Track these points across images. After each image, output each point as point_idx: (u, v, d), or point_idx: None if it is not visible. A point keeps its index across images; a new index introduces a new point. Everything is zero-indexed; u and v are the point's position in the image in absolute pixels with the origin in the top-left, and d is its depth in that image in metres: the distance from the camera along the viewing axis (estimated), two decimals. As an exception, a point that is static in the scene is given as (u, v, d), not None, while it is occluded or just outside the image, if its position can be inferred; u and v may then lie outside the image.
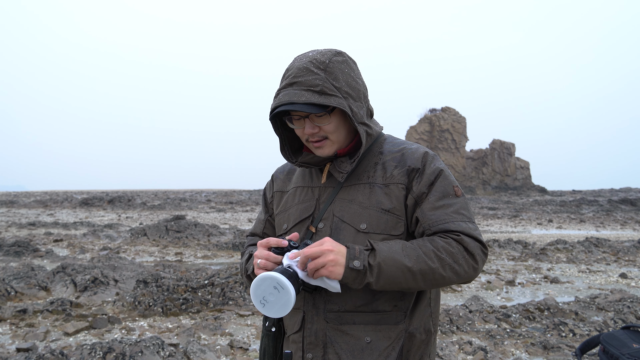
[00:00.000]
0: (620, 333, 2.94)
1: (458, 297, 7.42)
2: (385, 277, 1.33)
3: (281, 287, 1.27)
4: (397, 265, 1.34)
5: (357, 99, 1.47)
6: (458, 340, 4.97)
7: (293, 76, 1.45)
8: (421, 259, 1.35)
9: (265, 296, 1.29)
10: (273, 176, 1.75)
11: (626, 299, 6.54)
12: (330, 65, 1.45)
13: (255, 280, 1.29)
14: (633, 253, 12.10)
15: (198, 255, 12.00)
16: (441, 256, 1.36)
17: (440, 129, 56.46)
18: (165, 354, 4.30)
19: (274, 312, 1.29)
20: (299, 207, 1.57)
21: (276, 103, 1.44)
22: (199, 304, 6.37)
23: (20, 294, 6.83)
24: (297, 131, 1.52)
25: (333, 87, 1.42)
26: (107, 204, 36.34)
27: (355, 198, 1.48)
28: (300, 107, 1.40)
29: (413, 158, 1.50)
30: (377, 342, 1.43)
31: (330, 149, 1.50)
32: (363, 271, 1.33)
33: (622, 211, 30.59)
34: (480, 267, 1.41)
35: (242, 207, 35.37)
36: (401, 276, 1.34)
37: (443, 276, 1.36)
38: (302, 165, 1.57)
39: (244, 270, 1.61)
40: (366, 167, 1.53)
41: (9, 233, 17.33)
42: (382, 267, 1.33)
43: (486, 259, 1.44)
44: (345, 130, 1.51)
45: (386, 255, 1.34)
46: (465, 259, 1.38)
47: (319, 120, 1.46)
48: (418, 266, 1.34)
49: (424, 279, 1.36)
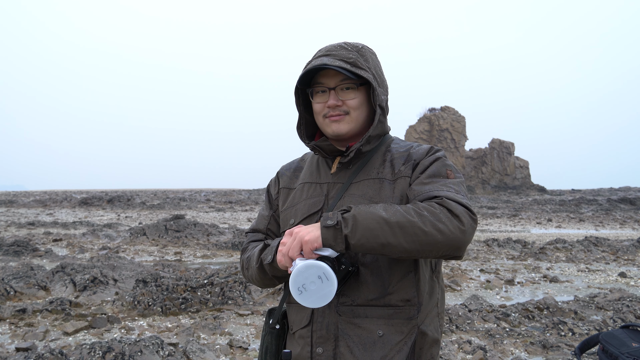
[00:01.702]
0: (619, 332, 2.94)
1: (457, 296, 7.42)
2: (362, 228, 1.29)
3: (326, 278, 1.26)
4: (372, 216, 1.30)
5: (382, 86, 1.54)
6: (457, 340, 4.97)
7: (327, 50, 1.52)
8: (399, 213, 1.31)
9: (305, 284, 1.27)
10: (279, 173, 1.74)
11: (625, 298, 6.55)
12: (363, 50, 1.53)
13: (301, 265, 1.28)
14: (632, 252, 12.11)
15: (197, 255, 12.00)
16: (421, 213, 1.31)
17: (439, 128, 56.46)
18: (164, 353, 4.30)
19: (311, 301, 1.28)
20: (307, 203, 1.56)
21: (309, 67, 1.48)
22: (199, 304, 6.37)
23: (20, 293, 6.83)
24: (316, 107, 1.54)
25: (365, 64, 1.50)
26: (107, 203, 36.32)
27: (366, 193, 1.48)
28: (335, 67, 1.44)
29: (418, 153, 1.52)
30: (390, 336, 1.43)
31: (347, 126, 1.52)
32: (338, 226, 1.30)
33: (621, 210, 30.62)
34: (468, 229, 1.33)
35: (241, 207, 35.36)
36: (378, 228, 1.29)
37: (424, 231, 1.28)
38: (314, 148, 1.57)
39: (256, 260, 1.55)
40: (375, 163, 1.54)
41: (8, 233, 17.31)
42: (357, 219, 1.29)
43: (475, 225, 1.36)
44: (366, 112, 1.54)
45: (361, 209, 1.32)
46: (449, 218, 1.31)
47: (344, 95, 1.50)
48: (395, 218, 1.29)
49: (404, 233, 1.29)
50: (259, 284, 1.61)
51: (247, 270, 1.61)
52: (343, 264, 1.38)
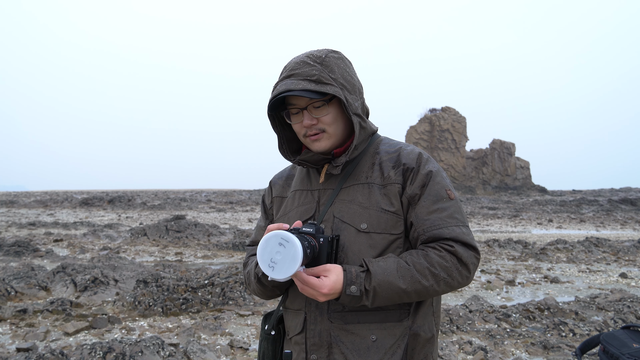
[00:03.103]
0: (620, 333, 2.94)
1: (458, 297, 7.42)
2: (380, 299, 1.39)
3: (286, 241, 1.27)
4: (392, 288, 1.38)
5: (353, 92, 1.51)
6: (458, 340, 4.97)
7: (290, 69, 1.49)
8: (415, 279, 1.39)
9: (272, 257, 1.27)
10: (271, 182, 1.75)
11: (626, 298, 6.54)
12: (327, 60, 1.49)
13: (261, 242, 1.29)
14: (633, 253, 12.10)
15: (198, 255, 12.00)
16: (435, 272, 1.40)
17: (440, 128, 56.45)
18: (165, 353, 4.30)
19: (284, 271, 1.27)
20: (299, 210, 1.58)
21: (274, 93, 1.47)
22: (199, 304, 6.38)
23: (20, 293, 6.83)
24: (295, 127, 1.54)
25: (329, 77, 1.46)
26: (107, 203, 36.35)
27: (355, 198, 1.49)
28: (298, 92, 1.42)
29: (409, 158, 1.52)
30: (383, 340, 1.44)
31: (327, 143, 1.52)
32: (359, 296, 1.37)
33: (622, 211, 30.60)
34: (473, 274, 1.46)
35: (242, 207, 35.37)
36: (396, 297, 1.40)
37: (437, 291, 1.42)
38: (300, 163, 1.57)
39: (254, 275, 1.57)
40: (363, 167, 1.54)
41: (9, 233, 17.33)
42: (377, 291, 1.37)
43: (479, 263, 1.48)
44: (343, 125, 1.53)
45: (381, 279, 1.37)
46: (459, 271, 1.42)
47: (316, 112, 1.49)
48: (412, 287, 1.39)
49: (418, 296, 1.42)
50: (263, 297, 1.62)
51: (249, 285, 1.64)
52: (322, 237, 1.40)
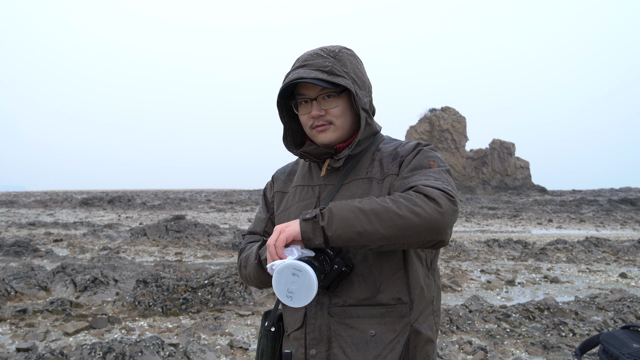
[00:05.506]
0: (620, 333, 2.94)
1: (458, 297, 7.42)
2: (337, 219, 1.30)
3: (299, 270, 1.27)
4: (347, 207, 1.32)
5: (363, 88, 1.53)
6: (458, 340, 4.97)
7: (303, 60, 1.52)
8: (374, 201, 1.33)
9: (288, 287, 1.29)
10: (273, 177, 1.76)
11: (626, 298, 6.55)
12: (340, 54, 1.52)
13: (274, 276, 1.30)
14: (633, 253, 12.10)
15: (198, 255, 12.00)
16: (396, 199, 1.32)
17: (440, 128, 56.47)
18: (165, 353, 4.30)
19: (302, 299, 1.28)
20: (299, 205, 1.59)
21: (286, 81, 1.49)
22: (199, 304, 6.37)
23: (20, 294, 6.83)
24: (302, 118, 1.55)
25: (342, 70, 1.49)
26: (107, 204, 36.34)
27: (355, 193, 1.50)
28: (311, 80, 1.44)
29: (405, 149, 1.53)
30: (382, 335, 1.44)
31: (332, 135, 1.53)
32: (316, 219, 1.32)
33: (622, 211, 30.60)
34: (447, 210, 1.30)
35: (242, 207, 35.37)
36: (353, 217, 1.30)
37: (399, 215, 1.28)
38: (303, 155, 1.58)
39: (254, 256, 1.57)
40: (364, 164, 1.55)
41: (9, 233, 17.33)
42: (332, 211, 1.32)
43: (456, 207, 1.34)
44: (350, 119, 1.55)
45: (338, 203, 1.35)
46: (425, 202, 1.30)
47: (325, 103, 1.51)
48: (369, 206, 1.31)
49: (379, 219, 1.29)
50: (257, 283, 1.60)
51: (245, 269, 1.62)
52: (336, 263, 1.40)
